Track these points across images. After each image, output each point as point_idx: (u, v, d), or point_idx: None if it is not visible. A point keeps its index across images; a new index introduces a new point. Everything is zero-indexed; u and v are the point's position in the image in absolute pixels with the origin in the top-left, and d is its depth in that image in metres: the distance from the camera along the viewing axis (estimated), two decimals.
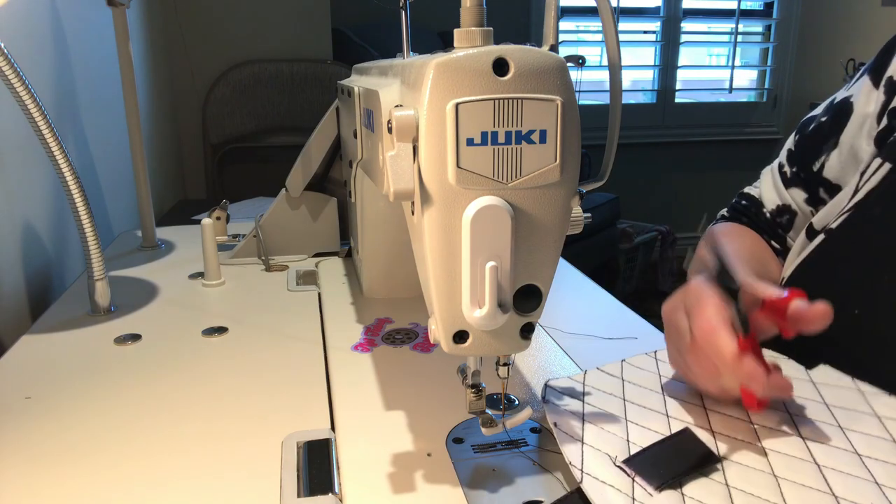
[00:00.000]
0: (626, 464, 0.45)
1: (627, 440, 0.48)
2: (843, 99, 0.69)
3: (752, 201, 0.79)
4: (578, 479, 0.44)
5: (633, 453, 0.46)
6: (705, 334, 0.48)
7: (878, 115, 0.64)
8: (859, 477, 0.43)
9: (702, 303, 0.50)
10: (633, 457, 0.46)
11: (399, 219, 0.48)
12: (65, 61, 1.08)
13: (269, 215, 0.97)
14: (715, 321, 0.48)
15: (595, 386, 0.56)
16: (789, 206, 0.74)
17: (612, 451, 0.46)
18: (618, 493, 0.42)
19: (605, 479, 0.44)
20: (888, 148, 0.61)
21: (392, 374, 0.63)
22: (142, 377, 0.63)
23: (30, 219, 0.90)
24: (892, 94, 0.63)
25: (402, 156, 0.39)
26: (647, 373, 0.58)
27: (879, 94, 0.64)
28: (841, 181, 0.68)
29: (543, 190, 0.40)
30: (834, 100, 0.71)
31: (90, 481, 0.48)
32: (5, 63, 0.64)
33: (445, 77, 0.38)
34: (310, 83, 2.15)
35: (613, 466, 0.45)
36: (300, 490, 0.46)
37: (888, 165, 0.59)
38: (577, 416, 0.51)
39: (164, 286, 0.87)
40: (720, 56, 3.45)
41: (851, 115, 0.67)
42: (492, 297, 0.40)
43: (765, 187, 0.78)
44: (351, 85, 0.68)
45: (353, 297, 0.83)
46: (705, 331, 0.48)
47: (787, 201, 0.74)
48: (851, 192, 0.62)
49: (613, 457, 0.46)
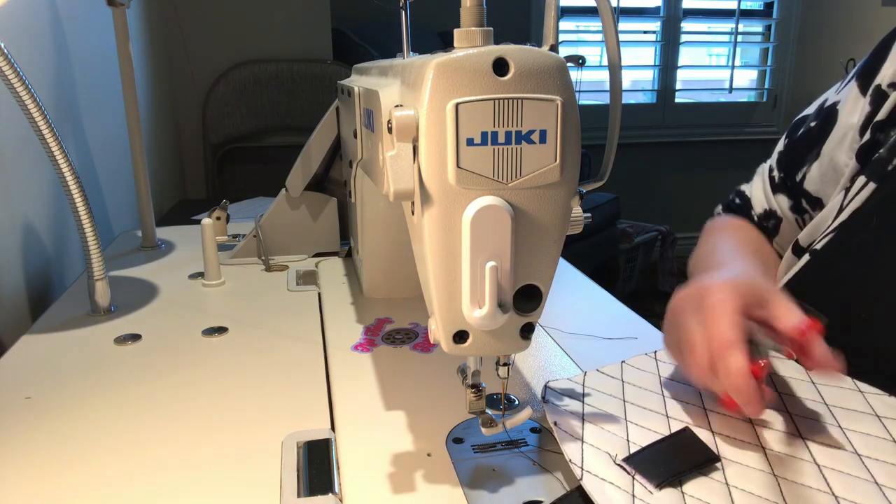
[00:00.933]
0: (627, 462, 0.45)
1: (627, 440, 0.48)
2: (832, 105, 0.67)
3: (744, 200, 0.78)
4: (579, 477, 0.44)
5: (633, 452, 0.46)
6: (719, 348, 0.46)
7: (860, 127, 0.61)
8: (859, 477, 0.43)
9: (717, 312, 0.47)
10: (633, 455, 0.46)
11: (399, 219, 0.48)
12: (65, 61, 1.08)
13: (269, 215, 0.97)
14: (731, 336, 0.46)
15: (594, 387, 0.56)
16: (775, 213, 0.73)
17: (612, 449, 0.46)
18: (618, 491, 0.42)
19: (605, 477, 0.44)
20: (872, 165, 0.58)
21: (392, 374, 0.63)
22: (142, 377, 0.63)
23: (30, 219, 0.90)
24: (879, 105, 0.60)
25: (402, 156, 0.39)
26: (647, 374, 0.58)
27: (865, 104, 0.62)
28: (821, 194, 0.67)
29: (543, 190, 0.40)
30: (824, 102, 0.69)
31: (90, 481, 0.48)
32: (5, 63, 0.64)
33: (445, 77, 0.38)
34: (310, 83, 2.16)
35: (614, 465, 0.45)
36: (300, 490, 0.46)
37: (873, 185, 0.57)
38: (577, 416, 0.51)
39: (164, 286, 0.87)
40: (720, 56, 3.45)
41: (835, 125, 0.65)
42: (492, 297, 0.40)
43: (755, 188, 0.77)
44: (351, 85, 0.68)
45: (353, 297, 0.83)
46: (720, 344, 0.46)
47: (773, 207, 0.73)
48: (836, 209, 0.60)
49: (613, 455, 0.46)
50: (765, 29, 3.34)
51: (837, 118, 0.65)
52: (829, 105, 0.67)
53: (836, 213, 0.60)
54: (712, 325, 0.47)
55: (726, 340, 0.46)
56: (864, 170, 0.59)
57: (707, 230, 0.78)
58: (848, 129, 0.63)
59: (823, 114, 0.68)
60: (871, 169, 0.58)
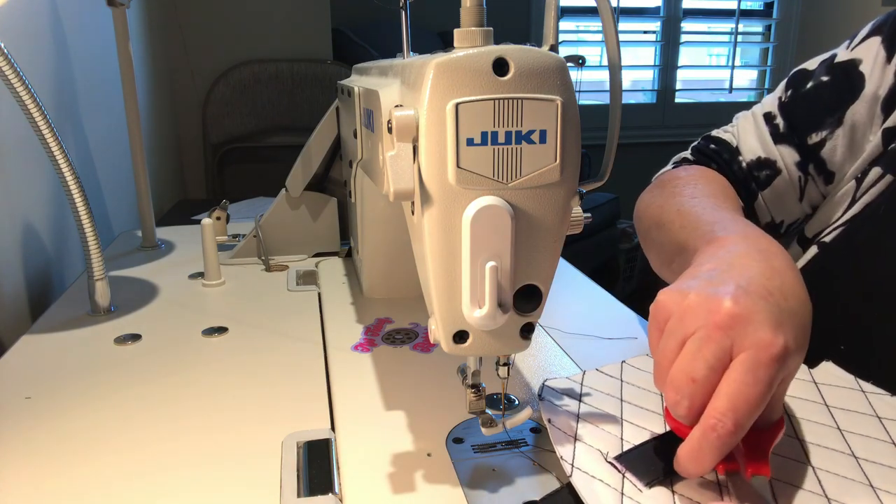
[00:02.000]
0: (618, 460, 0.45)
1: (621, 438, 0.48)
2: (849, 62, 0.59)
3: (723, 146, 0.69)
4: (568, 473, 0.44)
5: (625, 450, 0.46)
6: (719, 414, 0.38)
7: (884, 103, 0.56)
8: (854, 480, 0.43)
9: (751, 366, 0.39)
10: (624, 453, 0.46)
11: (399, 219, 0.48)
12: (65, 61, 1.08)
13: (269, 215, 0.97)
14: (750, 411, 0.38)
15: (593, 386, 0.56)
16: (774, 163, 0.64)
17: (605, 447, 0.47)
18: (606, 488, 0.42)
19: (595, 474, 0.44)
20: (889, 157, 0.55)
21: (392, 374, 0.63)
22: (142, 377, 0.63)
23: (30, 219, 0.90)
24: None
25: (402, 156, 0.39)
26: (646, 374, 0.58)
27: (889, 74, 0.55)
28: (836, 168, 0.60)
29: (543, 190, 0.40)
30: (834, 57, 0.61)
31: (90, 481, 0.48)
32: (5, 63, 0.64)
33: (445, 77, 0.38)
34: (310, 83, 2.15)
35: (605, 462, 0.45)
36: (300, 490, 0.46)
37: (889, 178, 0.54)
38: (573, 414, 0.51)
39: (164, 286, 0.87)
40: (720, 56, 3.45)
41: (863, 91, 0.58)
42: (492, 297, 0.40)
43: (745, 135, 0.68)
44: (351, 85, 0.68)
45: (353, 297, 0.83)
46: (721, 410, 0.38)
47: (773, 156, 0.64)
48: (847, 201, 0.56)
49: (605, 453, 0.46)
50: (765, 29, 3.34)
51: (864, 84, 0.57)
52: (845, 62, 0.60)
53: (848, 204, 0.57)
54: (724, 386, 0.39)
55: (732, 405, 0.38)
56: (881, 160, 0.55)
57: (666, 183, 0.64)
58: (875, 102, 0.57)
59: (837, 70, 0.60)
60: (888, 161, 0.55)
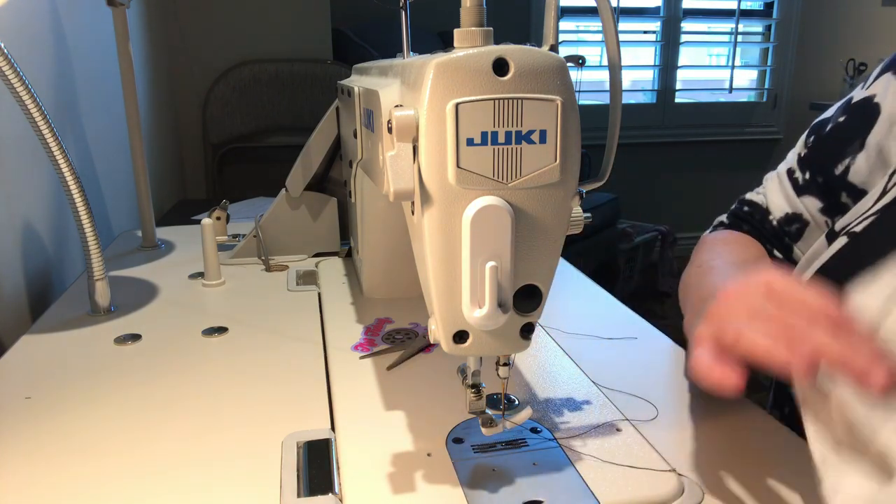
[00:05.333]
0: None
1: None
2: (864, 99, 0.65)
3: (755, 208, 0.74)
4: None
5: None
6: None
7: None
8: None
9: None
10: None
11: (399, 219, 0.48)
12: (65, 61, 1.08)
13: (269, 215, 0.97)
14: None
15: None
16: (800, 215, 0.69)
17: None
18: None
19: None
20: None
21: (392, 374, 0.63)
22: (142, 377, 0.63)
23: (30, 219, 0.90)
24: None
25: (402, 156, 0.39)
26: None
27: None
28: (867, 185, 0.64)
29: (543, 190, 0.40)
30: (850, 100, 0.67)
31: (90, 481, 0.48)
32: (5, 63, 0.64)
33: (445, 77, 0.38)
34: (310, 83, 2.16)
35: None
36: (300, 490, 0.46)
37: None
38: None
39: (164, 286, 0.87)
40: (720, 56, 3.45)
41: (879, 116, 0.63)
42: (492, 297, 0.40)
43: (772, 194, 0.73)
44: (351, 85, 0.68)
45: (353, 297, 0.83)
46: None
47: (798, 209, 0.69)
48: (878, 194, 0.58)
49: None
50: (765, 29, 3.34)
51: (881, 109, 0.63)
52: (861, 100, 0.65)
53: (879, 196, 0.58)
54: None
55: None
56: None
57: (701, 245, 0.74)
58: (891, 122, 0.61)
59: (853, 108, 0.66)
60: None
